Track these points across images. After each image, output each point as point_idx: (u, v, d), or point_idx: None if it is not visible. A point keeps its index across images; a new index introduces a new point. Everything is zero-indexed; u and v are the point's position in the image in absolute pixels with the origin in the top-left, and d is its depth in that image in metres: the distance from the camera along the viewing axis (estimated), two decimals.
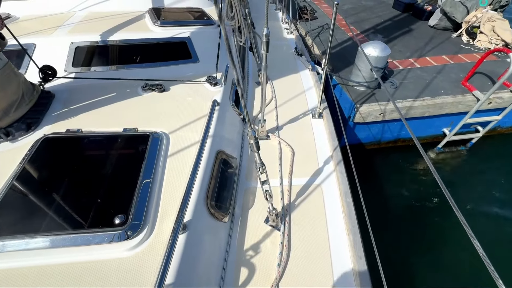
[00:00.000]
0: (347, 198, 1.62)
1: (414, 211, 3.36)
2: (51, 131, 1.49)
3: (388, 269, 1.33)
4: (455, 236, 2.96)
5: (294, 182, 1.75)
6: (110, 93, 1.81)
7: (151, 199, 1.22)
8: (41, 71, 1.71)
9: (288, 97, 2.53)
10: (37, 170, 1.29)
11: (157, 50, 2.16)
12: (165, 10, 2.51)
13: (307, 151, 1.98)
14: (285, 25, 4.07)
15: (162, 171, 1.36)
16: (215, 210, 1.37)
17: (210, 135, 1.55)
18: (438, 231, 3.12)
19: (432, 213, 3.31)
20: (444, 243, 2.99)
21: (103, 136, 1.46)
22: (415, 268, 2.81)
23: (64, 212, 1.12)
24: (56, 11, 2.41)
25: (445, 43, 4.60)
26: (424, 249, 2.97)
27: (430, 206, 3.39)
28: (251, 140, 1.09)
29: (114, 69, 2.00)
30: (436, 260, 2.87)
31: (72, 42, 2.01)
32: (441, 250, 2.94)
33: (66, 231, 1.06)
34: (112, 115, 1.65)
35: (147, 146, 1.42)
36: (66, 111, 1.65)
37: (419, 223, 3.22)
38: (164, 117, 1.67)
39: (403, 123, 3.76)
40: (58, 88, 1.81)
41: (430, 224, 3.21)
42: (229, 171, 1.65)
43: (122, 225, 1.09)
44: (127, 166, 1.34)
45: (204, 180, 1.38)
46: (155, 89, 1.85)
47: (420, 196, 3.52)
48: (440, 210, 3.34)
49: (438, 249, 2.96)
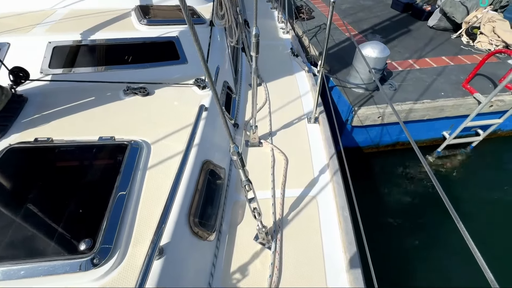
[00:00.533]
0: (344, 212, 1.49)
1: (412, 218, 3.25)
2: (19, 140, 1.35)
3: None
4: (461, 245, 2.85)
5: (287, 194, 1.63)
6: (88, 97, 1.68)
7: (124, 218, 1.09)
8: (11, 73, 1.56)
9: (282, 100, 2.40)
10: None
11: (143, 50, 2.02)
12: (153, 7, 2.37)
13: (302, 159, 1.86)
14: (281, 25, 3.94)
15: (139, 185, 1.22)
16: (199, 228, 1.24)
17: (195, 144, 1.42)
18: (442, 240, 3.00)
19: (433, 220, 3.21)
20: (450, 255, 2.86)
21: (75, 146, 1.32)
22: (418, 284, 2.68)
23: (23, 236, 0.98)
24: (36, 8, 2.26)
25: (444, 44, 4.50)
26: (429, 264, 2.83)
27: (429, 212, 3.29)
28: (234, 156, 0.96)
29: (95, 71, 1.86)
30: (444, 275, 2.73)
31: (49, 41, 1.87)
32: (448, 264, 2.80)
33: (25, 259, 0.93)
34: (89, 122, 1.51)
35: (124, 157, 1.28)
36: (38, 117, 1.51)
37: (418, 231, 3.11)
38: (146, 124, 1.53)
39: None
40: (32, 92, 1.66)
41: (431, 232, 3.10)
42: (217, 182, 1.52)
43: (89, 251, 0.96)
44: (100, 180, 1.21)
45: (187, 195, 1.24)
46: (138, 92, 1.71)
47: (418, 201, 3.42)
48: (442, 217, 3.24)
49: (445, 264, 2.82)
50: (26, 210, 1.07)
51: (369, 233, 1.41)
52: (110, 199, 1.11)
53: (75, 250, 0.95)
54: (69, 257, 0.94)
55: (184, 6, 0.62)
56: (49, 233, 1.00)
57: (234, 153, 0.95)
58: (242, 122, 2.15)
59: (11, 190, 1.15)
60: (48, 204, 1.10)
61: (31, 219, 1.04)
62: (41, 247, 0.96)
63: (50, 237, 0.98)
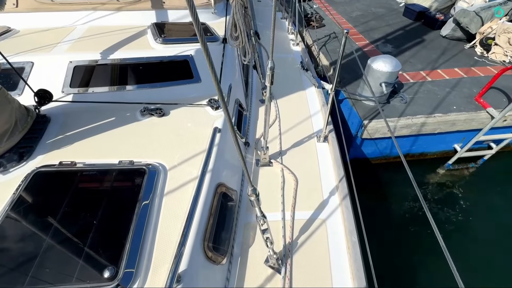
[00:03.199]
0: (353, 237, 1.52)
1: (419, 232, 3.23)
2: (44, 162, 1.42)
3: None
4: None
5: (297, 216, 1.66)
6: (107, 117, 1.75)
7: (144, 244, 1.15)
8: (36, 95, 1.64)
9: (292, 117, 2.43)
10: (25, 211, 1.22)
11: (158, 69, 2.09)
12: (168, 25, 2.44)
13: (311, 180, 1.89)
14: (292, 36, 3.96)
15: (157, 211, 1.28)
16: (213, 252, 1.29)
17: (209, 169, 1.47)
18: (460, 261, 2.94)
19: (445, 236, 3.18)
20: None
21: (97, 170, 1.39)
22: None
23: (49, 262, 1.05)
24: (57, 25, 2.35)
25: (458, 55, 4.44)
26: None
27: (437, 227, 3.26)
28: (251, 197, 1.00)
29: (114, 90, 1.93)
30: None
31: (70, 61, 1.95)
32: None
33: (49, 284, 0.99)
34: (109, 144, 1.58)
35: (143, 182, 1.34)
36: (61, 138, 1.59)
37: (425, 246, 3.09)
38: (162, 146, 1.59)
39: (412, 138, 3.65)
40: (55, 111, 1.74)
41: (438, 250, 3.08)
42: (229, 204, 1.57)
43: (112, 279, 1.02)
44: (120, 206, 1.27)
45: (202, 220, 1.30)
46: (154, 113, 1.77)
47: (423, 214, 3.39)
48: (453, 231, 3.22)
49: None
50: (53, 236, 1.14)
51: (376, 250, 1.45)
52: (130, 226, 1.17)
53: (99, 277, 1.01)
54: (94, 285, 1.00)
55: (198, 27, 0.61)
56: (73, 259, 1.06)
57: (251, 195, 0.99)
58: (253, 140, 2.19)
59: (38, 215, 1.22)
60: (72, 230, 1.17)
61: (56, 245, 1.11)
62: (66, 274, 1.02)
63: (74, 263, 1.05)
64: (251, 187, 0.98)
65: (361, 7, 6.27)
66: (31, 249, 1.09)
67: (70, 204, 1.26)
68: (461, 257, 2.94)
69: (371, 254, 1.46)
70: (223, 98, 0.75)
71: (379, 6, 6.30)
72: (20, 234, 1.16)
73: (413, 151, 3.90)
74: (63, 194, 1.30)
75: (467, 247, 3.12)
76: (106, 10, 2.42)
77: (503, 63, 4.21)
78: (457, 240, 3.18)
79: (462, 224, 3.36)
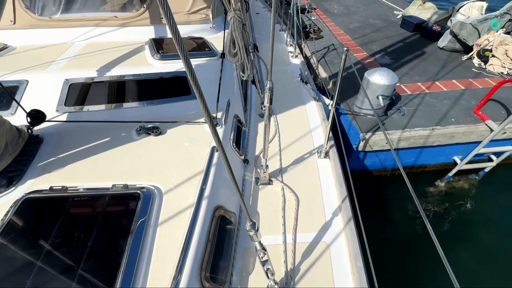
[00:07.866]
0: (358, 262, 1.46)
1: (423, 249, 3.17)
2: (34, 187, 1.37)
3: None
4: None
5: (299, 239, 1.60)
6: (102, 137, 1.70)
7: (136, 279, 1.08)
8: (29, 115, 1.60)
9: (292, 133, 2.40)
10: (14, 238, 1.16)
11: (156, 86, 2.05)
12: (166, 40, 2.41)
13: (313, 200, 1.84)
14: (290, 48, 3.97)
15: (151, 240, 1.22)
16: (210, 283, 1.23)
17: (207, 193, 1.42)
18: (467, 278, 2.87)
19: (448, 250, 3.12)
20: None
21: (88, 196, 1.34)
22: None
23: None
24: (54, 42, 2.32)
25: (455, 67, 4.47)
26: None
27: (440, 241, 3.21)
28: (250, 232, 0.95)
29: (110, 108, 1.89)
30: None
31: (66, 78, 1.91)
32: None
33: None
34: (103, 165, 1.53)
35: (137, 208, 1.29)
36: (53, 160, 1.53)
37: (432, 266, 3.02)
38: (158, 167, 1.54)
39: (411, 151, 3.62)
40: (48, 131, 1.70)
41: (439, 263, 3.01)
42: (228, 228, 1.51)
43: None
44: (113, 234, 1.21)
45: (198, 250, 1.24)
46: (151, 133, 1.73)
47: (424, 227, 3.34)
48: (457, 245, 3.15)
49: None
50: (43, 263, 1.08)
51: (380, 274, 1.40)
52: (122, 258, 1.11)
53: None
54: None
55: (179, 43, 0.62)
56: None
57: (250, 230, 0.94)
58: (252, 157, 2.15)
59: (27, 241, 1.16)
60: (62, 259, 1.11)
61: (45, 273, 1.05)
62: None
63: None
64: (250, 222, 0.93)
65: (359, 18, 6.33)
66: (20, 277, 1.04)
67: (60, 231, 1.21)
68: (465, 271, 2.88)
69: (376, 279, 1.40)
70: (210, 118, 0.73)
71: (376, 18, 6.37)
72: (9, 261, 1.10)
73: (412, 164, 3.88)
74: (54, 220, 1.25)
75: (468, 260, 3.07)
76: (104, 26, 2.40)
77: (501, 74, 4.23)
78: (460, 253, 3.12)
79: (463, 237, 3.31)
